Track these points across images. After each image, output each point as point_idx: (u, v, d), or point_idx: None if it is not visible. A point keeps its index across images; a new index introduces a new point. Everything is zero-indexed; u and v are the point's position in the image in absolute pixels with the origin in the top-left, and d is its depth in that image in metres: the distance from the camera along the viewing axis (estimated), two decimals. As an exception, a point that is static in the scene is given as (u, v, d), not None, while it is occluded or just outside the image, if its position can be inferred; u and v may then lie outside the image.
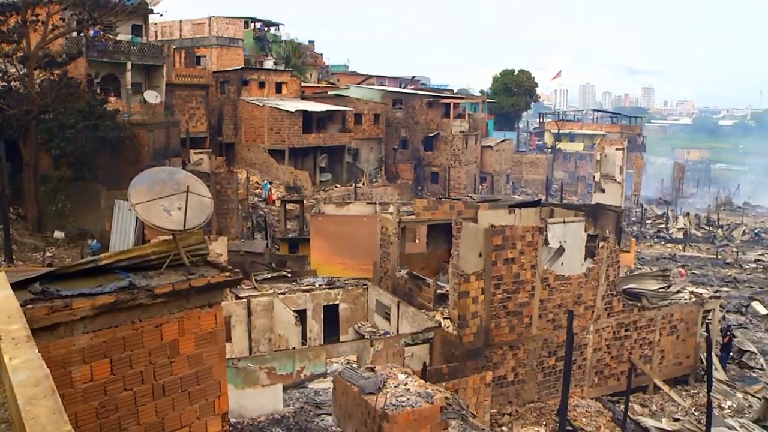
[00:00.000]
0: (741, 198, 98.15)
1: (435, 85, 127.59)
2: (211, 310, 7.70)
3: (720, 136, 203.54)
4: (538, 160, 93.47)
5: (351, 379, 12.97)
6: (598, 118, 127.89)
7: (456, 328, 21.13)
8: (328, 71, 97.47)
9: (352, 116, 65.76)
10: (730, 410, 25.37)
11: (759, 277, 51.71)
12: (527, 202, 28.93)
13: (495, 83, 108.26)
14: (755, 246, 65.38)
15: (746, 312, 41.05)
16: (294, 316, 22.01)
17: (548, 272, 22.21)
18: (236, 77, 60.93)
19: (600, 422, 22.60)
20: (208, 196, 8.42)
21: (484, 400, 18.73)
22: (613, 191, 33.04)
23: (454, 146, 71.03)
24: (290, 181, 56.66)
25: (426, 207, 28.38)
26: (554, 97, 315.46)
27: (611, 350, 24.78)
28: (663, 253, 58.87)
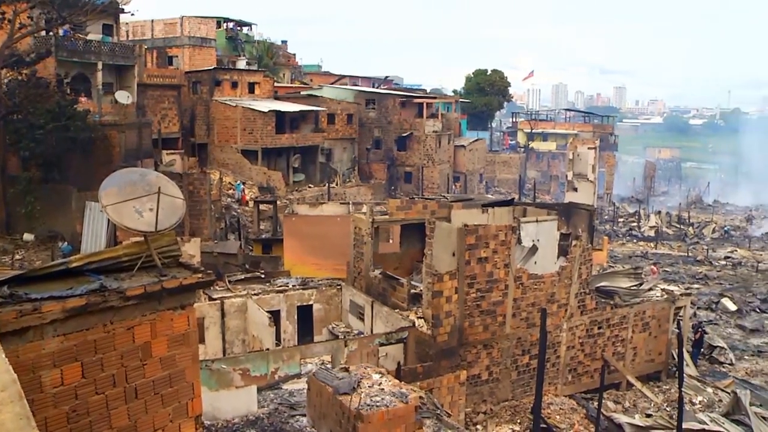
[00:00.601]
0: (711, 196, 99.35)
1: (408, 85, 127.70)
2: (183, 311, 7.64)
3: (690, 135, 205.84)
4: (511, 160, 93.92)
5: (325, 379, 12.93)
6: (571, 117, 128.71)
7: (430, 328, 21.17)
8: (301, 71, 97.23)
9: (325, 116, 65.67)
10: (701, 405, 25.66)
11: (728, 274, 52.36)
12: (500, 202, 29.04)
13: (468, 83, 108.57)
14: (725, 243, 66.18)
15: (716, 308, 41.55)
16: (268, 317, 21.91)
17: (521, 271, 22.32)
18: (209, 77, 60.60)
19: (574, 419, 22.75)
20: (180, 197, 8.36)
21: (459, 399, 18.77)
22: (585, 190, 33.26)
23: (427, 146, 71.16)
24: (263, 182, 56.47)
25: (399, 207, 28.39)
26: (527, 96, 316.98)
27: (584, 348, 24.95)
28: (635, 251, 59.40)
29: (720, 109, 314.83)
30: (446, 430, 14.35)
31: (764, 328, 38.56)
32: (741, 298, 44.32)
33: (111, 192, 7.76)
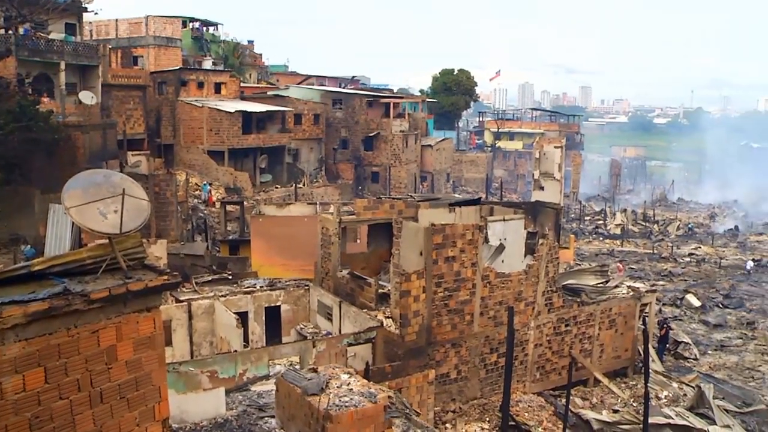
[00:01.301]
0: (675, 194, 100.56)
1: (375, 85, 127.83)
2: (149, 314, 7.57)
3: (655, 133, 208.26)
4: (478, 159, 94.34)
5: (294, 380, 12.88)
6: (537, 116, 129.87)
7: (398, 327, 21.18)
8: (267, 71, 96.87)
9: (292, 116, 65.49)
10: (666, 400, 26.00)
11: (693, 270, 53.06)
12: (467, 201, 29.11)
13: (435, 83, 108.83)
14: (689, 240, 67.07)
15: (681, 304, 42.11)
16: (235, 319, 21.80)
17: (489, 270, 22.41)
18: (174, 78, 60.14)
19: (542, 416, 22.91)
20: (145, 198, 8.28)
21: (428, 398, 18.79)
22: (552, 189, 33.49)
23: (394, 146, 71.26)
24: (230, 183, 56.18)
25: (366, 207, 28.36)
26: (494, 96, 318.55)
27: (552, 345, 25.12)
28: (601, 249, 59.98)
29: (683, 108, 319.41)
30: (415, 429, 14.37)
31: (727, 323, 39.14)
32: (705, 294, 44.95)
33: (74, 194, 7.67)
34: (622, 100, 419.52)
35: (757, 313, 41.67)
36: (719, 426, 23.51)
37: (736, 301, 43.81)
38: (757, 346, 35.40)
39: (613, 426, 22.62)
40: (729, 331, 37.91)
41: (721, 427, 23.44)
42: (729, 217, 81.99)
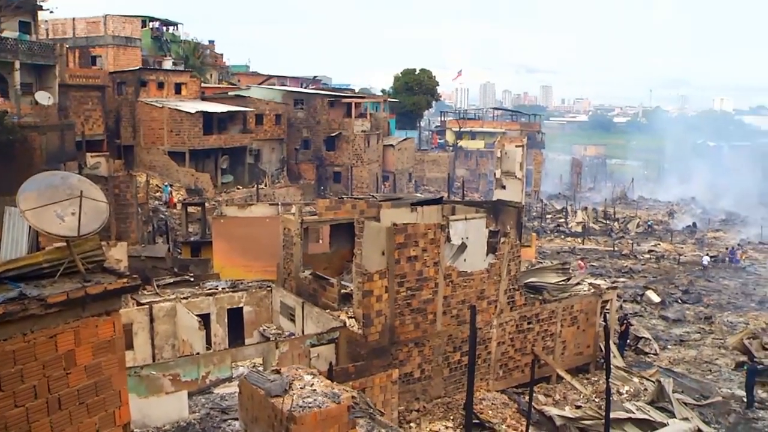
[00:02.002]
0: (635, 192, 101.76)
1: (337, 85, 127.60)
2: (108, 317, 7.49)
3: (614, 132, 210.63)
4: (439, 158, 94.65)
5: (257, 382, 12.82)
6: (499, 116, 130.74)
7: (361, 327, 21.17)
8: (228, 71, 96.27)
9: (253, 117, 65.18)
10: (627, 395, 26.34)
11: (652, 267, 53.81)
12: (429, 200, 29.19)
13: (396, 82, 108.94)
14: (648, 237, 67.99)
15: (641, 301, 42.67)
16: (197, 321, 21.64)
17: (451, 269, 22.49)
18: (134, 78, 59.49)
19: (506, 414, 23.04)
20: (103, 200, 8.19)
21: (391, 398, 18.82)
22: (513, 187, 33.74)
23: (356, 146, 71.27)
24: (191, 184, 55.74)
25: (328, 207, 28.32)
26: (455, 95, 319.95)
27: (515, 343, 25.29)
28: (563, 247, 60.56)
29: (642, 107, 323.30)
30: (379, 429, 14.38)
31: (686, 318, 39.75)
32: (664, 290, 45.61)
33: (30, 196, 7.56)
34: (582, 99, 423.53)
35: (714, 307, 42.39)
36: (678, 419, 23.90)
37: (694, 297, 44.53)
38: (715, 340, 36.00)
39: (576, 421, 22.85)
40: (688, 326, 38.51)
41: (680, 420, 23.82)
42: (687, 214, 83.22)
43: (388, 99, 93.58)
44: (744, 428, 24.75)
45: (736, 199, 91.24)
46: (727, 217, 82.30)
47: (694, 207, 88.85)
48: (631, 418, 23.13)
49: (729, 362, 32.49)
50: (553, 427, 22.71)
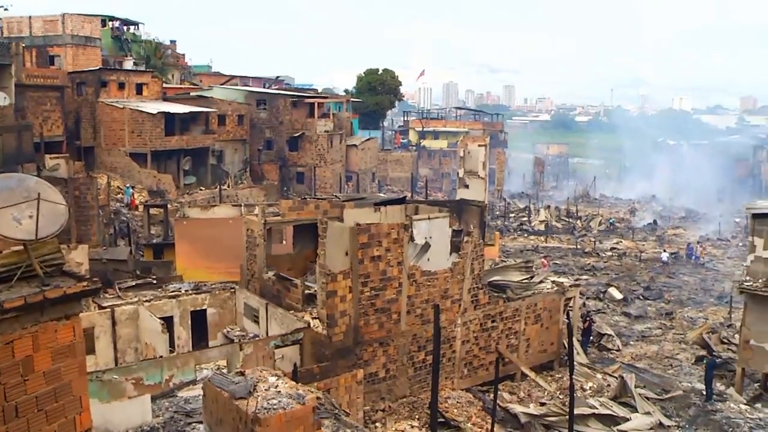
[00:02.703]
0: (597, 190, 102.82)
1: (299, 85, 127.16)
2: (68, 322, 7.39)
3: (576, 131, 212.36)
4: (403, 158, 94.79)
5: (221, 384, 12.75)
6: (461, 115, 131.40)
7: (325, 328, 21.15)
8: (190, 72, 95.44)
9: (216, 117, 64.74)
10: (591, 391, 26.66)
11: (614, 264, 54.44)
12: (392, 200, 29.25)
13: (359, 82, 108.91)
14: (610, 235, 68.74)
15: (604, 298, 43.16)
16: (160, 324, 21.45)
17: (415, 268, 22.56)
18: (94, 78, 58.68)
19: (471, 412, 23.17)
20: (61, 202, 8.08)
21: (357, 398, 18.82)
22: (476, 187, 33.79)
23: (319, 146, 71.15)
24: (153, 185, 55.20)
25: (291, 207, 28.24)
26: (418, 95, 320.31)
27: (479, 341, 25.44)
28: (526, 245, 61.01)
29: (604, 106, 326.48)
30: (345, 429, 14.37)
31: (647, 315, 40.29)
32: (626, 287, 46.19)
33: (-14, 200, 7.44)
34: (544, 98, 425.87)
35: (675, 303, 43.02)
36: (641, 413, 24.26)
37: (655, 293, 45.15)
38: (675, 335, 36.54)
39: (541, 418, 23.06)
40: (649, 322, 39.04)
41: (642, 415, 24.18)
42: (648, 212, 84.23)
43: (351, 99, 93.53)
44: (703, 420, 25.17)
45: (695, 196, 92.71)
46: (686, 215, 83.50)
47: (654, 205, 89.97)
48: (594, 414, 23.43)
49: (689, 357, 33.01)
50: (518, 424, 22.90)
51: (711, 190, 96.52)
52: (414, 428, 21.58)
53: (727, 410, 26.06)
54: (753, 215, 28.41)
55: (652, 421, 24.10)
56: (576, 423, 21.36)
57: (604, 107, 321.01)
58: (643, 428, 23.44)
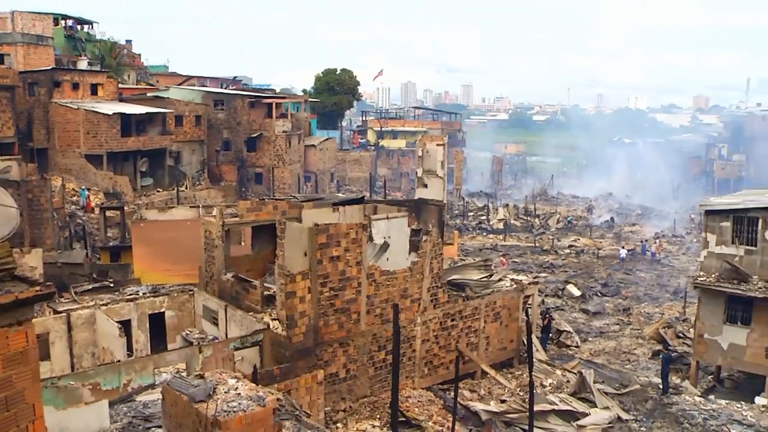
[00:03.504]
0: (555, 188, 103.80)
1: (257, 85, 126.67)
2: (20, 328, 7.26)
3: (534, 130, 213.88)
4: (361, 158, 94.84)
5: (180, 388, 12.65)
6: (420, 115, 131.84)
7: (285, 329, 21.07)
8: (147, 72, 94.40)
9: (173, 118, 64.20)
10: (550, 387, 26.92)
11: (572, 261, 55.01)
12: (351, 200, 29.21)
13: (318, 82, 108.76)
14: (568, 233, 69.47)
15: (562, 295, 43.60)
16: (118, 328, 21.22)
17: (374, 268, 22.58)
18: (47, 78, 57.74)
19: (432, 411, 23.24)
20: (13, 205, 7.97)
21: (317, 399, 18.78)
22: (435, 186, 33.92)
23: (277, 146, 70.92)
24: (110, 187, 54.53)
25: (250, 208, 28.06)
26: (377, 95, 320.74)
27: (439, 340, 25.53)
28: (485, 244, 61.37)
29: (561, 105, 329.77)
30: (306, 430, 14.34)
31: (605, 311, 40.80)
32: (584, 284, 46.71)
33: (-66, 205, 7.30)
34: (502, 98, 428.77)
35: (632, 299, 43.64)
36: (599, 408, 24.56)
37: (613, 290, 45.73)
38: (633, 330, 37.07)
39: (501, 415, 23.22)
40: (607, 318, 39.54)
41: (601, 409, 24.48)
42: (605, 209, 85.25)
43: (309, 99, 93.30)
44: (660, 413, 25.59)
45: (651, 193, 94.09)
46: (642, 212, 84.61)
47: (611, 202, 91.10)
48: (554, 410, 23.65)
49: (646, 351, 33.51)
50: (479, 421, 23.03)
51: (666, 188, 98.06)
52: (375, 428, 21.59)
53: (682, 402, 26.55)
54: (706, 212, 28.94)
55: (611, 415, 24.42)
56: (536, 419, 21.55)
57: (562, 106, 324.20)
58: (602, 423, 23.72)
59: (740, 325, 27.67)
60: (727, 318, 27.99)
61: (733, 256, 27.77)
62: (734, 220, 27.85)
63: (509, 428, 23.05)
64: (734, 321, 27.85)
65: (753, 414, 25.84)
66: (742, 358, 27.75)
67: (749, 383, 28.98)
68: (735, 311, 27.82)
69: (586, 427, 23.28)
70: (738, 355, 27.79)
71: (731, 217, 27.91)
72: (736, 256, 27.72)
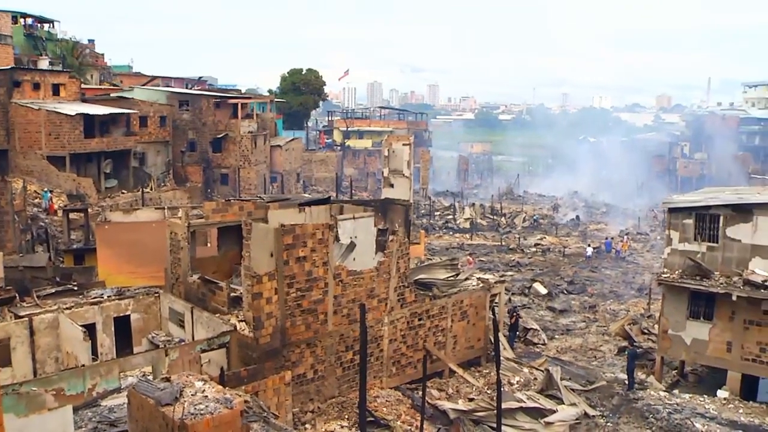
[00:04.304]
0: (521, 187, 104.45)
1: (223, 86, 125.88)
2: (-20, 333, 7.14)
3: (500, 130, 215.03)
4: (327, 158, 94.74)
5: (146, 391, 12.56)
6: (386, 115, 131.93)
7: (252, 330, 20.98)
8: (110, 72, 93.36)
9: (137, 119, 63.67)
10: (518, 385, 27.13)
11: (539, 260, 55.41)
12: (317, 200, 29.14)
13: (283, 82, 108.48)
14: (534, 231, 69.97)
15: (529, 293, 43.87)
16: (82, 332, 20.96)
17: (341, 268, 22.57)
18: (6, 78, 56.84)
19: (400, 410, 23.29)
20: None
21: (285, 400, 18.74)
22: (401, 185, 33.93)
23: (243, 147, 70.65)
24: (73, 189, 53.89)
25: (215, 209, 27.90)
26: (343, 95, 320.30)
27: (406, 340, 25.58)
28: (451, 243, 61.60)
29: (526, 105, 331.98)
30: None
31: (571, 308, 41.15)
32: (550, 281, 47.06)
33: None
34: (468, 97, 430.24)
35: (598, 297, 44.06)
36: (566, 405, 24.78)
37: (579, 287, 46.14)
38: (599, 327, 37.42)
39: (469, 414, 23.33)
40: (573, 316, 39.87)
41: (568, 406, 24.70)
42: (570, 207, 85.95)
43: (274, 99, 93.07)
44: (626, 409, 25.92)
45: (616, 191, 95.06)
46: (607, 210, 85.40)
47: (577, 201, 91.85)
48: (522, 407, 23.81)
49: (612, 348, 33.85)
50: (448, 420, 23.12)
51: (631, 186, 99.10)
52: (343, 428, 21.58)
53: (647, 398, 26.93)
54: (669, 209, 29.30)
55: (578, 411, 24.65)
56: (504, 417, 21.68)
57: (527, 106, 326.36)
58: (569, 419, 23.92)
59: (703, 320, 28.06)
60: (690, 314, 28.37)
61: (696, 252, 28.15)
62: (696, 218, 28.24)
63: (477, 426, 23.17)
64: (697, 316, 28.23)
65: (715, 407, 26.36)
66: (704, 352, 28.15)
67: (712, 377, 29.44)
68: (698, 307, 28.21)
69: (553, 423, 23.47)
70: (701, 350, 28.18)
71: (693, 215, 28.30)
72: (699, 253, 28.10)
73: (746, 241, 27.17)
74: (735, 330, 27.31)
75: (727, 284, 26.95)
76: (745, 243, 27.20)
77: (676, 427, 24.52)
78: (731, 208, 27.52)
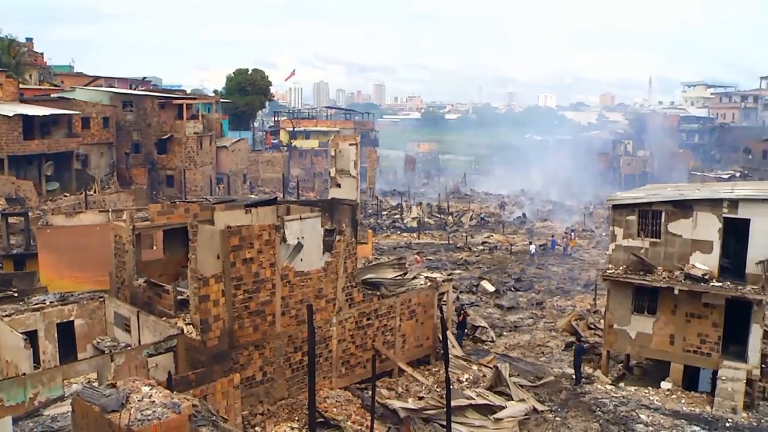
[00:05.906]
0: (467, 186, 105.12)
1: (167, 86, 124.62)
2: None
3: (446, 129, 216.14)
4: (274, 159, 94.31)
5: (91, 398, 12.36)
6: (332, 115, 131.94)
7: (199, 333, 20.77)
8: (50, 72, 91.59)
9: (80, 120, 62.62)
10: (467, 382, 27.35)
11: (486, 258, 55.84)
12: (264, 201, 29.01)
13: (229, 83, 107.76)
14: (482, 229, 70.46)
15: (477, 291, 44.19)
16: (23, 339, 20.50)
17: (288, 269, 22.51)
18: (-63, 78, 55.52)
19: (350, 410, 23.29)
20: None
21: (234, 403, 18.63)
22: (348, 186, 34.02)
23: (188, 148, 69.96)
24: (11, 193, 52.76)
25: (161, 212, 27.58)
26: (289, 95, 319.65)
27: (355, 340, 25.60)
28: (399, 242, 61.74)
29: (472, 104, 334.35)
30: (222, 435, 14.17)
31: (519, 305, 41.55)
32: (498, 279, 47.47)
33: None
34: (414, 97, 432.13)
35: (545, 293, 44.58)
36: (515, 401, 25.04)
37: (526, 284, 46.64)
38: (546, 323, 37.85)
39: (419, 412, 23.41)
40: (521, 312, 40.27)
41: (517, 402, 24.96)
42: (517, 206, 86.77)
43: (220, 100, 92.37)
44: (574, 403, 26.34)
45: (562, 189, 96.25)
46: (553, 207, 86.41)
47: (523, 199, 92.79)
48: (471, 405, 23.95)
49: (559, 344, 34.28)
50: (398, 419, 23.18)
51: (576, 183, 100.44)
52: (294, 430, 21.52)
53: (594, 391, 27.43)
54: (613, 206, 29.78)
55: (527, 407, 24.93)
56: (454, 414, 21.82)
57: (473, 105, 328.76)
58: (518, 415, 24.17)
59: (647, 314, 28.61)
60: (634, 308, 28.89)
61: (639, 248, 28.67)
62: (639, 214, 28.76)
63: (427, 425, 23.27)
64: (641, 311, 28.77)
65: (659, 398, 27.05)
66: (648, 345, 28.70)
67: (656, 369, 30.07)
68: (642, 301, 28.75)
69: (502, 420, 23.68)
70: (645, 343, 28.72)
71: (637, 211, 28.82)
72: (642, 249, 28.63)
73: (687, 236, 27.77)
74: (677, 323, 27.91)
75: (669, 279, 27.50)
76: (686, 238, 27.80)
77: (622, 419, 25.02)
78: (672, 204, 28.10)
